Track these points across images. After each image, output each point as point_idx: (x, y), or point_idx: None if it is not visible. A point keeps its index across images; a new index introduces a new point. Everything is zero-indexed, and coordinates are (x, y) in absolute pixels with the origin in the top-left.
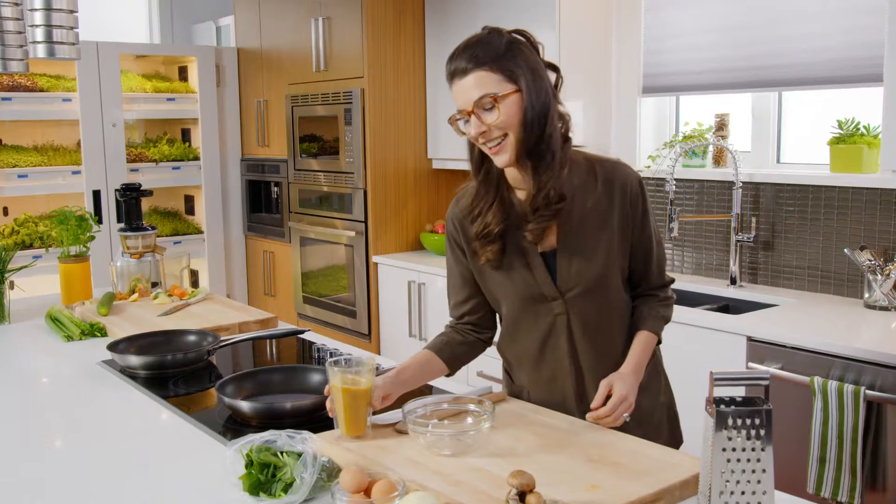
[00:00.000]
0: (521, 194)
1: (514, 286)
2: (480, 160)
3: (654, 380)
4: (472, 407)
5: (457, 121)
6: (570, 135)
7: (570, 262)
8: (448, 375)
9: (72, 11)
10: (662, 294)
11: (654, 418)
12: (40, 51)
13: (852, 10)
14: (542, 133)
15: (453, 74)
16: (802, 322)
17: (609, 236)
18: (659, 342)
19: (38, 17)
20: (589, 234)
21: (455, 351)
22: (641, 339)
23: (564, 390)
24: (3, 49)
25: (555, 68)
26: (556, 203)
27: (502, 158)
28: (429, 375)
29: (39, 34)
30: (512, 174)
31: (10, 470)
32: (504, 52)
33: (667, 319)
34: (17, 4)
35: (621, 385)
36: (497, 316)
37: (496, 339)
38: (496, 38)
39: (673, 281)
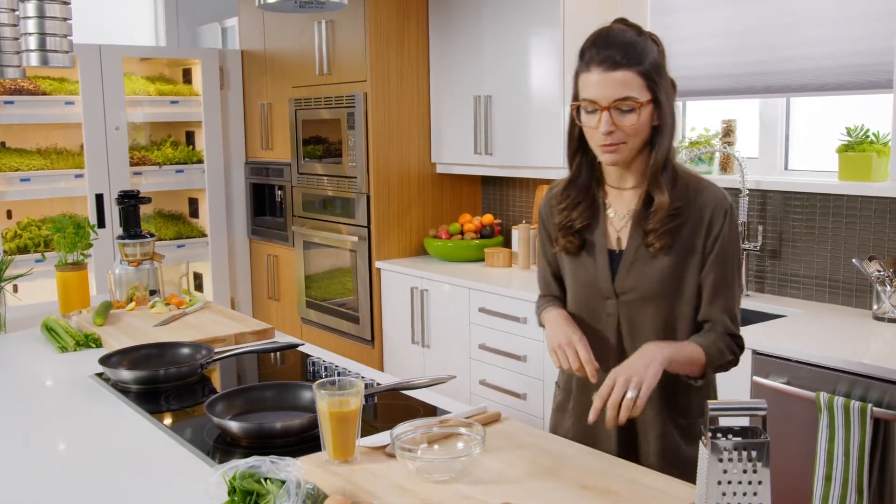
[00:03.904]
0: (614, 192)
1: (577, 275)
2: (574, 156)
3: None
4: (462, 430)
5: (581, 109)
6: (675, 144)
7: (632, 266)
8: None
9: (65, 19)
10: (727, 339)
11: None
12: (34, 59)
13: (861, 17)
14: (671, 146)
15: (600, 62)
16: (809, 335)
17: (681, 253)
18: (702, 376)
19: (32, 26)
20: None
21: None
22: (685, 342)
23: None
24: None
25: (673, 84)
26: (679, 206)
27: (613, 158)
28: None
29: (33, 42)
30: (615, 173)
31: None
32: (655, 62)
33: (721, 355)
34: (13, 11)
35: (619, 368)
36: None
37: None
38: (650, 44)
39: (741, 340)
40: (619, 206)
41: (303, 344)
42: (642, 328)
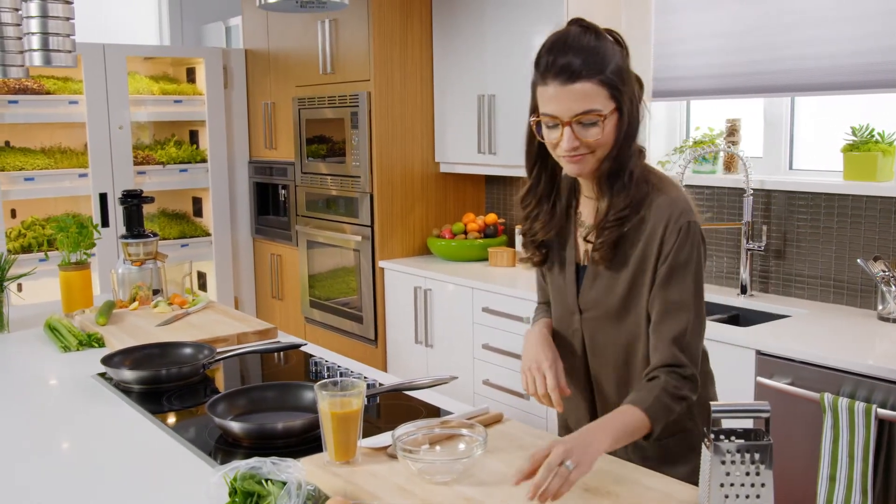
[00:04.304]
0: (584, 202)
1: (552, 288)
2: (532, 168)
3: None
4: (464, 431)
5: (542, 124)
6: (643, 146)
7: (594, 282)
8: None
9: (68, 19)
10: (673, 381)
11: None
12: (37, 58)
13: (866, 15)
14: (627, 153)
15: (557, 73)
16: (813, 336)
17: (636, 270)
18: (650, 435)
19: (35, 25)
20: (620, 259)
21: None
22: (620, 410)
23: (579, 409)
24: (2, 55)
25: (640, 82)
26: (624, 215)
27: (576, 168)
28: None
29: (36, 42)
30: (585, 182)
31: None
32: (618, 67)
33: (668, 411)
34: (16, 10)
35: (559, 440)
36: None
37: None
38: (611, 47)
39: (689, 371)
40: (588, 218)
41: (305, 344)
42: (603, 346)
